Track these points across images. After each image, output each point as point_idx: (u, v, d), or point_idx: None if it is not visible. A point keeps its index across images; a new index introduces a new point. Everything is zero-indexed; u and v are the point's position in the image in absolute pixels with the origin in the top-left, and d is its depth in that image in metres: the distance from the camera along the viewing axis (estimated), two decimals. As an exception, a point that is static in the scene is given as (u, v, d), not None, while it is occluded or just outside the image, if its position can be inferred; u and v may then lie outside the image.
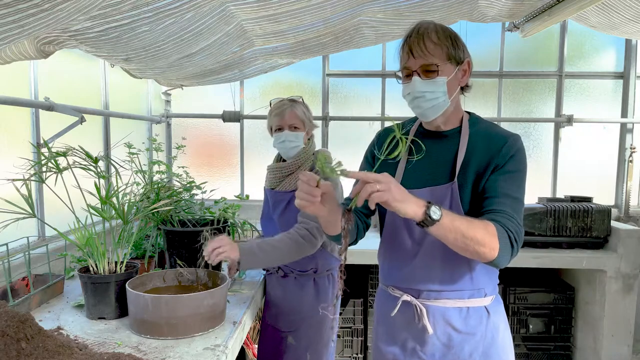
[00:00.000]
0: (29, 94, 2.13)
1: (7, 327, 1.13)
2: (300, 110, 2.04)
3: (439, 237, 1.19)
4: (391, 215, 1.48)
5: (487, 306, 1.43)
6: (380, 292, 1.59)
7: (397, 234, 1.46)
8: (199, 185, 2.28)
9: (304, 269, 2.05)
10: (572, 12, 2.60)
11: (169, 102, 3.75)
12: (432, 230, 1.17)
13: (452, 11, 2.68)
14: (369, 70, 3.79)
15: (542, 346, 3.26)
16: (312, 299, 2.05)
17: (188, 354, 1.34)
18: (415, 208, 1.14)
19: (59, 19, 1.40)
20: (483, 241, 1.19)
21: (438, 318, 1.41)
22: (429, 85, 1.32)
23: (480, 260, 1.24)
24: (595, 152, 3.76)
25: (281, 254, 1.87)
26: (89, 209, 1.58)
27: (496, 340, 1.43)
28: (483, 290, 1.42)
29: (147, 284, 1.65)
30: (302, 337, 2.06)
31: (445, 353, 1.42)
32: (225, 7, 1.97)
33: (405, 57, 1.34)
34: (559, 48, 3.70)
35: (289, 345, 2.07)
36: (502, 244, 1.22)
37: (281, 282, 2.10)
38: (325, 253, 2.06)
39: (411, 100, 1.36)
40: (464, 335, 1.40)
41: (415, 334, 1.44)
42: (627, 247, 2.96)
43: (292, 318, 2.07)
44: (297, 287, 2.06)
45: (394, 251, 1.48)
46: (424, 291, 1.42)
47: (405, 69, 1.35)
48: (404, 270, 1.44)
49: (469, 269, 1.39)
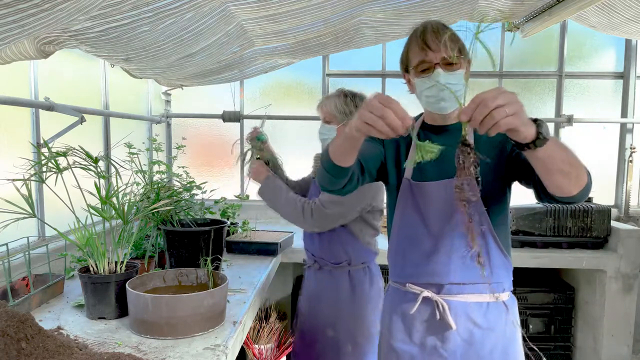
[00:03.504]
0: (29, 94, 2.12)
1: (7, 327, 1.13)
2: (333, 104, 2.05)
3: (546, 158, 1.05)
4: (404, 210, 1.45)
5: (505, 302, 1.44)
6: (393, 290, 1.55)
7: (413, 230, 1.44)
8: (199, 185, 2.28)
9: (337, 261, 2.11)
10: (572, 12, 2.60)
11: (169, 102, 3.75)
12: (541, 151, 1.03)
13: (452, 11, 2.68)
14: (369, 70, 3.79)
15: (542, 346, 3.26)
16: (347, 291, 2.09)
17: (188, 354, 1.33)
18: (530, 128, 1.00)
19: (59, 19, 1.40)
20: (579, 161, 1.12)
21: (460, 313, 1.40)
22: (452, 77, 1.33)
23: (576, 186, 1.15)
24: (595, 152, 3.75)
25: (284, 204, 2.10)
26: (89, 209, 1.58)
27: (514, 338, 1.44)
28: (502, 285, 1.42)
29: (147, 284, 1.65)
30: (342, 329, 2.08)
31: (466, 350, 1.41)
32: (225, 7, 1.97)
33: (422, 52, 1.34)
34: (558, 48, 3.70)
35: (329, 337, 2.10)
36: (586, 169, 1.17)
37: (317, 275, 2.17)
38: (359, 245, 2.10)
39: (436, 92, 1.34)
40: (485, 330, 1.40)
41: (435, 331, 1.42)
42: (627, 247, 2.96)
43: (331, 310, 2.10)
44: (332, 280, 2.12)
45: (410, 247, 1.45)
46: (446, 285, 1.40)
47: (424, 62, 1.35)
48: (424, 266, 1.42)
49: (488, 261, 1.38)
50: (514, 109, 0.94)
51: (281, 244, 2.62)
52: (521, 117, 0.95)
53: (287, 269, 3.45)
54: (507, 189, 1.44)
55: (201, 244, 1.96)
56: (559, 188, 1.14)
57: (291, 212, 2.09)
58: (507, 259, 1.44)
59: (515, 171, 1.34)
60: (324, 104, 2.09)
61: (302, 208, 2.05)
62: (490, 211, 1.38)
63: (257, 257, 2.54)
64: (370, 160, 1.42)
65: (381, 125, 1.01)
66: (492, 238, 1.39)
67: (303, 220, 2.06)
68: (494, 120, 0.93)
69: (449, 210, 1.39)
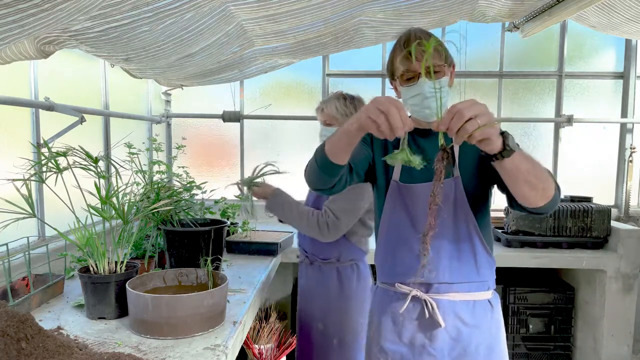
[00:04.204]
0: (29, 94, 2.13)
1: (7, 327, 1.13)
2: (334, 106, 2.12)
3: (512, 169, 1.13)
4: (393, 212, 1.48)
5: (490, 300, 1.48)
6: (380, 291, 1.58)
7: (401, 231, 1.47)
8: (199, 185, 2.28)
9: (327, 257, 2.18)
10: (572, 12, 2.60)
11: (169, 102, 3.75)
12: (508, 162, 1.11)
13: (452, 11, 2.68)
14: (369, 70, 3.79)
15: (542, 346, 3.26)
16: (335, 287, 2.16)
17: (188, 354, 1.34)
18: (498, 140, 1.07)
19: (59, 19, 1.40)
20: (547, 174, 1.18)
21: (448, 312, 1.43)
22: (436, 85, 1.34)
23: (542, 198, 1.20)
24: (595, 152, 3.76)
25: (296, 218, 2.10)
26: (89, 209, 1.58)
27: (499, 336, 1.49)
28: (487, 283, 1.47)
29: (147, 284, 1.65)
30: (330, 323, 2.17)
31: (453, 347, 1.44)
32: (225, 7, 1.97)
33: (406, 62, 1.38)
34: (558, 48, 3.70)
35: (319, 330, 2.19)
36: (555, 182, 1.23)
37: (308, 270, 2.25)
38: (348, 243, 2.15)
39: (421, 100, 1.37)
40: (472, 328, 1.44)
41: (423, 330, 1.45)
42: (627, 247, 2.96)
43: (318, 304, 2.19)
44: (321, 275, 2.19)
45: (398, 247, 1.48)
46: (434, 284, 1.44)
47: (408, 71, 1.38)
48: (412, 266, 1.43)
49: (474, 261, 1.43)
50: (485, 120, 1.01)
51: (281, 244, 2.62)
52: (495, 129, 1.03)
53: (287, 268, 3.45)
54: (489, 191, 1.49)
55: (201, 244, 1.96)
56: (525, 199, 1.21)
57: (306, 226, 2.09)
58: (492, 258, 1.48)
59: (492, 177, 1.37)
60: (325, 106, 2.14)
61: (317, 223, 2.05)
62: (476, 212, 1.43)
63: (257, 257, 2.55)
64: (359, 161, 1.45)
65: (383, 121, 1.06)
66: (478, 238, 1.44)
67: (321, 235, 2.07)
68: (466, 132, 1.01)
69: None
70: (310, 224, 2.06)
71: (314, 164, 1.35)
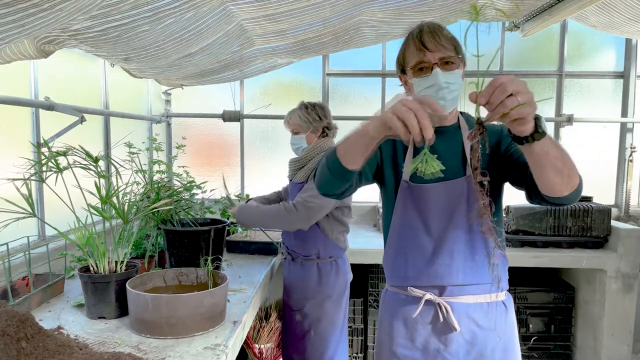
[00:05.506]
0: (29, 94, 2.13)
1: (7, 326, 1.13)
2: (297, 116, 2.32)
3: (541, 153, 1.05)
4: (404, 213, 1.44)
5: (504, 301, 1.45)
6: (390, 294, 1.53)
7: (413, 233, 1.43)
8: (199, 185, 2.28)
9: (307, 254, 2.29)
10: (572, 11, 2.60)
11: (169, 101, 3.75)
12: (538, 146, 1.02)
13: (452, 11, 2.68)
14: (369, 69, 3.79)
15: (542, 346, 3.26)
16: (315, 282, 2.28)
17: (188, 354, 1.34)
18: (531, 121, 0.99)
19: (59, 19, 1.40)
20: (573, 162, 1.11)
21: (462, 315, 1.40)
22: (451, 77, 1.33)
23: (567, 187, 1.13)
24: (595, 152, 3.76)
25: (268, 217, 2.22)
26: (89, 209, 1.58)
27: (513, 337, 1.46)
28: (500, 284, 1.43)
29: (147, 284, 1.65)
30: (306, 315, 2.30)
31: (469, 350, 1.41)
32: (225, 6, 1.97)
33: (419, 53, 1.34)
34: (559, 47, 3.70)
35: (297, 321, 2.33)
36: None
37: (291, 266, 2.36)
38: (328, 241, 2.27)
39: (436, 91, 1.33)
40: (486, 331, 1.41)
41: (437, 334, 1.42)
42: (627, 247, 2.96)
43: (298, 297, 2.31)
44: (303, 271, 2.31)
45: (411, 250, 1.44)
46: (448, 287, 1.40)
47: (422, 62, 1.34)
48: (426, 269, 1.41)
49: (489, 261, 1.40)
50: (525, 98, 0.93)
51: (281, 243, 2.62)
52: (534, 107, 0.95)
53: (287, 268, 3.44)
54: (502, 189, 1.47)
55: (201, 244, 1.97)
56: (551, 187, 1.13)
57: (277, 216, 2.19)
58: (505, 258, 1.46)
59: (507, 171, 1.36)
60: (289, 117, 2.35)
61: (285, 208, 2.17)
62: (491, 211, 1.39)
63: (257, 256, 2.55)
64: (367, 163, 1.37)
65: (412, 118, 0.97)
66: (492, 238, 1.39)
67: (289, 218, 2.16)
68: (505, 108, 0.93)
69: (449, 211, 1.39)
70: (279, 213, 2.17)
71: (326, 170, 1.26)
